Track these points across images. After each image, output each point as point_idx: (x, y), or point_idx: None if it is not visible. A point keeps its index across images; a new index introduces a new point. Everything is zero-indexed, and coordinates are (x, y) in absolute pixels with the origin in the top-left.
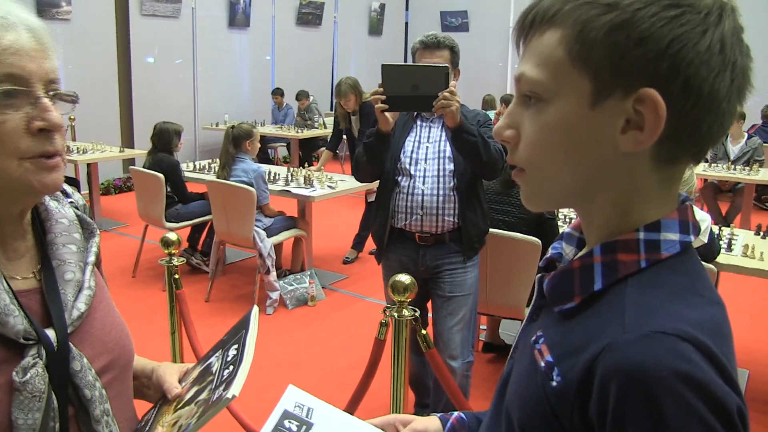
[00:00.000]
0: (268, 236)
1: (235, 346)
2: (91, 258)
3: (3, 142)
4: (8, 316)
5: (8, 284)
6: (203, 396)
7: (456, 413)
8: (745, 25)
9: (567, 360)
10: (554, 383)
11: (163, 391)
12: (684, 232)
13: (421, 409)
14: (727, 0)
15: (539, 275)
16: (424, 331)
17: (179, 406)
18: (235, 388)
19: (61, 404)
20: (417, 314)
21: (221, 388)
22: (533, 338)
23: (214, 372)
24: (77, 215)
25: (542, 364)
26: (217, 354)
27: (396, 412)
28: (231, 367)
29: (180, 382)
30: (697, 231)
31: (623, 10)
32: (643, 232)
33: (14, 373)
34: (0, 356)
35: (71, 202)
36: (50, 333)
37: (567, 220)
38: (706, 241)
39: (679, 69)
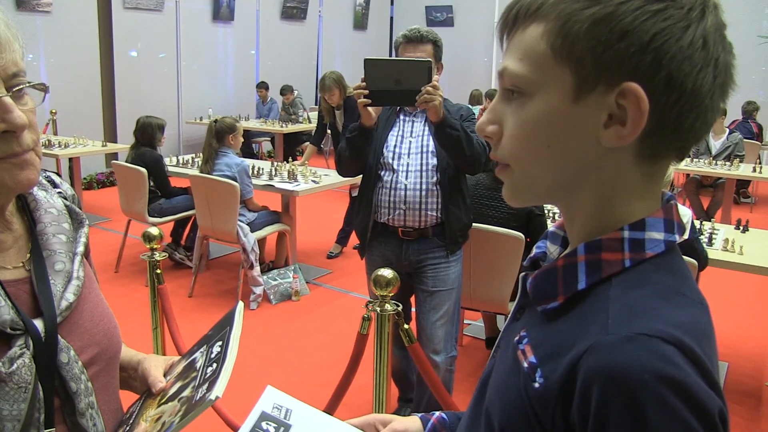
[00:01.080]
0: (252, 231)
1: (219, 343)
2: (80, 248)
3: None
4: None
5: None
6: (186, 393)
7: (437, 413)
8: (727, 21)
9: (550, 361)
10: (537, 385)
11: (149, 384)
12: (669, 231)
13: (405, 403)
14: None
15: (523, 274)
16: (406, 326)
17: (163, 400)
18: (218, 390)
19: (46, 395)
20: (399, 309)
21: (204, 387)
22: (517, 338)
23: (198, 368)
24: (66, 205)
25: (525, 365)
26: (201, 349)
27: (379, 407)
28: (214, 365)
29: (165, 375)
30: (682, 230)
31: (606, 4)
32: (627, 230)
33: (0, 363)
34: None
35: (59, 193)
36: (38, 323)
37: (556, 217)
38: (686, 236)
39: (662, 63)
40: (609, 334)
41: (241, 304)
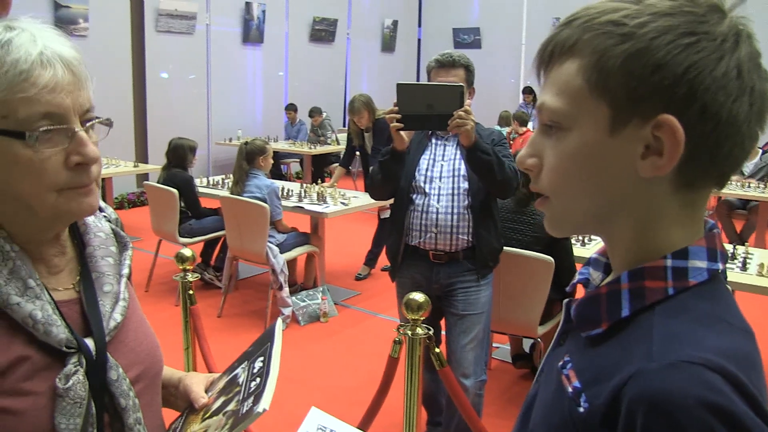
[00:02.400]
0: (281, 252)
1: (261, 358)
2: (126, 270)
3: (42, 177)
4: (51, 326)
5: (50, 296)
6: (231, 407)
7: None
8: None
9: (594, 386)
10: (581, 409)
11: (190, 400)
12: (712, 260)
13: (433, 427)
14: (742, 26)
15: (566, 300)
16: (437, 350)
17: (206, 415)
18: (265, 402)
19: (98, 411)
20: (431, 332)
21: (249, 401)
22: (560, 363)
23: (240, 383)
24: (111, 228)
25: (570, 389)
26: (243, 365)
27: (409, 430)
28: (258, 380)
29: (206, 391)
30: (725, 259)
31: (639, 39)
32: (670, 259)
33: (57, 379)
34: (43, 363)
35: (105, 216)
36: (89, 342)
37: (585, 240)
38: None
39: (696, 95)
40: (653, 360)
41: (280, 321)
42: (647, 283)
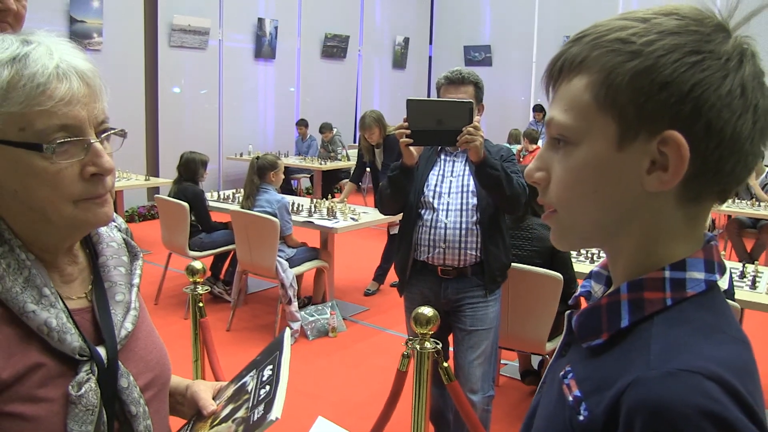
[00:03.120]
0: (291, 267)
1: (270, 366)
2: (136, 280)
3: (58, 188)
4: (65, 334)
5: (64, 304)
6: (240, 414)
7: None
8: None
9: (595, 395)
10: (581, 417)
11: (198, 407)
12: (709, 271)
13: None
14: (747, 46)
15: (568, 312)
16: (445, 364)
17: (215, 423)
18: (277, 410)
19: (108, 418)
20: (439, 347)
21: (260, 408)
22: (562, 373)
23: (249, 391)
24: (123, 238)
25: (570, 398)
26: (251, 374)
27: None
28: (267, 387)
29: (214, 399)
30: (723, 270)
31: (647, 56)
32: (669, 270)
33: (70, 387)
34: (57, 370)
35: (116, 226)
36: (101, 350)
37: (584, 254)
38: (726, 286)
39: (701, 112)
40: (651, 369)
41: (288, 330)
42: (646, 294)
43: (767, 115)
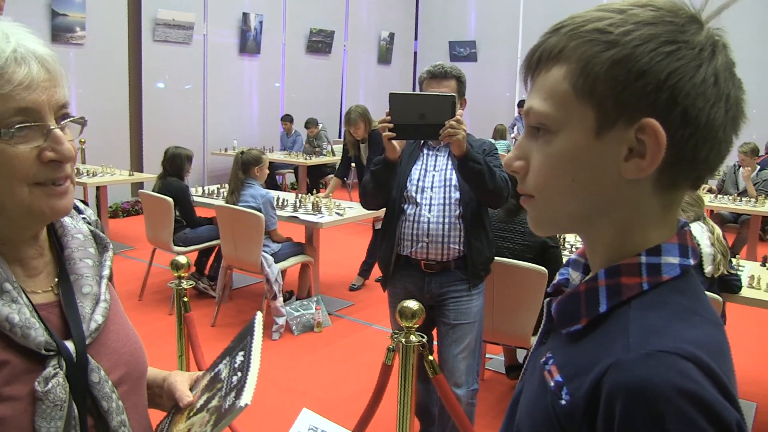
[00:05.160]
0: (276, 262)
1: (242, 352)
2: (106, 272)
3: (15, 170)
4: (29, 329)
5: (28, 299)
6: (214, 403)
7: None
8: (743, 59)
9: (575, 379)
10: (563, 402)
11: (175, 399)
12: (684, 256)
13: None
14: (718, 38)
15: (547, 299)
16: (430, 357)
17: (191, 413)
18: (246, 397)
19: (80, 414)
20: (424, 340)
21: (231, 396)
22: (543, 359)
23: (222, 379)
24: (91, 231)
25: (552, 383)
26: (224, 361)
27: None
28: (239, 374)
29: (191, 389)
30: (697, 255)
31: (624, 46)
32: (644, 256)
33: (36, 383)
34: (23, 367)
35: (84, 218)
36: (69, 345)
37: (573, 249)
38: (709, 268)
39: (678, 100)
40: (630, 352)
41: (259, 314)
42: (623, 279)
43: (738, 104)
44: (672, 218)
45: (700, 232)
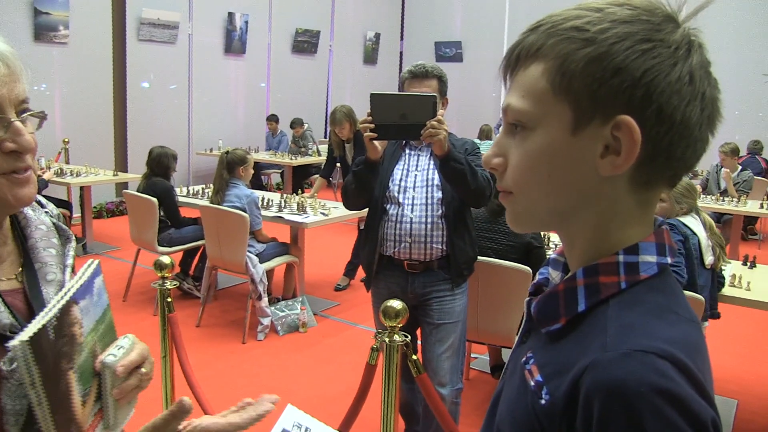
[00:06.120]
0: (261, 262)
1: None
2: (69, 261)
3: None
4: None
5: None
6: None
7: None
8: (724, 62)
9: (555, 379)
10: (543, 401)
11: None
12: (661, 254)
13: None
14: (694, 37)
15: (527, 299)
16: (414, 357)
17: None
18: (23, 335)
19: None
20: (408, 339)
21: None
22: (523, 359)
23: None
24: (53, 222)
25: (532, 383)
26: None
27: None
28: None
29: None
30: (674, 253)
31: (600, 44)
32: (622, 255)
33: (1, 362)
34: None
35: (46, 212)
36: None
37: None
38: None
39: (652, 97)
40: (607, 351)
41: (95, 263)
42: (601, 278)
43: (714, 103)
44: (649, 216)
45: (695, 223)
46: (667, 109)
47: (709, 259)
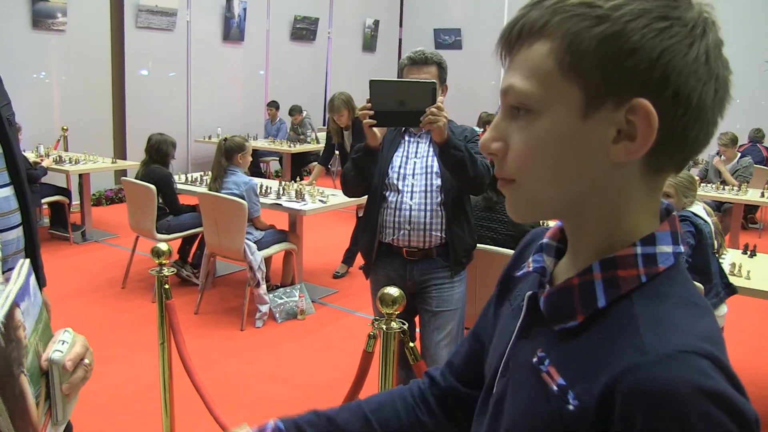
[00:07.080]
0: (259, 249)
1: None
2: None
3: None
4: None
5: None
6: None
7: (271, 423)
8: (736, 47)
9: (582, 382)
10: (571, 407)
11: None
12: (675, 243)
13: None
14: (707, 14)
15: (530, 292)
16: (411, 344)
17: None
18: None
19: None
20: (405, 327)
21: None
22: (535, 359)
23: None
24: None
25: (554, 387)
26: None
27: None
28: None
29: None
30: (685, 241)
31: (614, 22)
32: (639, 246)
33: None
34: None
35: None
36: None
37: None
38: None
39: (670, 79)
40: (647, 353)
41: (25, 262)
42: (620, 272)
43: (726, 84)
44: (656, 203)
45: (702, 211)
46: (684, 91)
47: (715, 245)
